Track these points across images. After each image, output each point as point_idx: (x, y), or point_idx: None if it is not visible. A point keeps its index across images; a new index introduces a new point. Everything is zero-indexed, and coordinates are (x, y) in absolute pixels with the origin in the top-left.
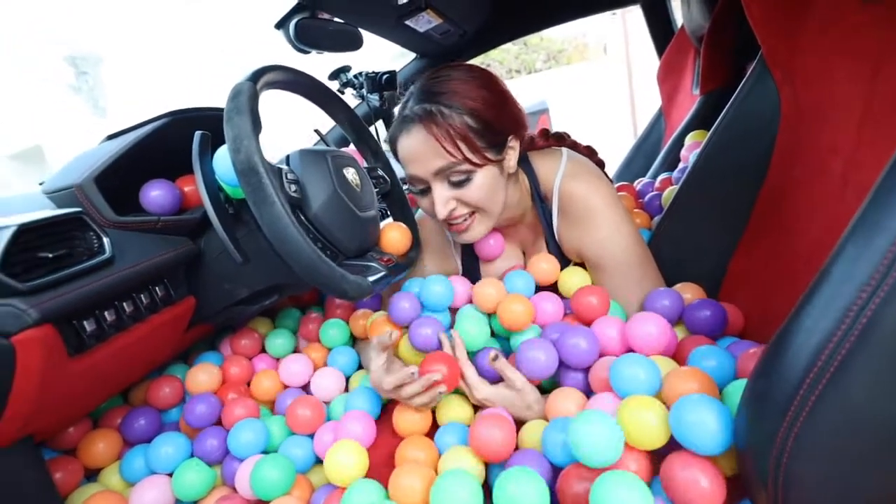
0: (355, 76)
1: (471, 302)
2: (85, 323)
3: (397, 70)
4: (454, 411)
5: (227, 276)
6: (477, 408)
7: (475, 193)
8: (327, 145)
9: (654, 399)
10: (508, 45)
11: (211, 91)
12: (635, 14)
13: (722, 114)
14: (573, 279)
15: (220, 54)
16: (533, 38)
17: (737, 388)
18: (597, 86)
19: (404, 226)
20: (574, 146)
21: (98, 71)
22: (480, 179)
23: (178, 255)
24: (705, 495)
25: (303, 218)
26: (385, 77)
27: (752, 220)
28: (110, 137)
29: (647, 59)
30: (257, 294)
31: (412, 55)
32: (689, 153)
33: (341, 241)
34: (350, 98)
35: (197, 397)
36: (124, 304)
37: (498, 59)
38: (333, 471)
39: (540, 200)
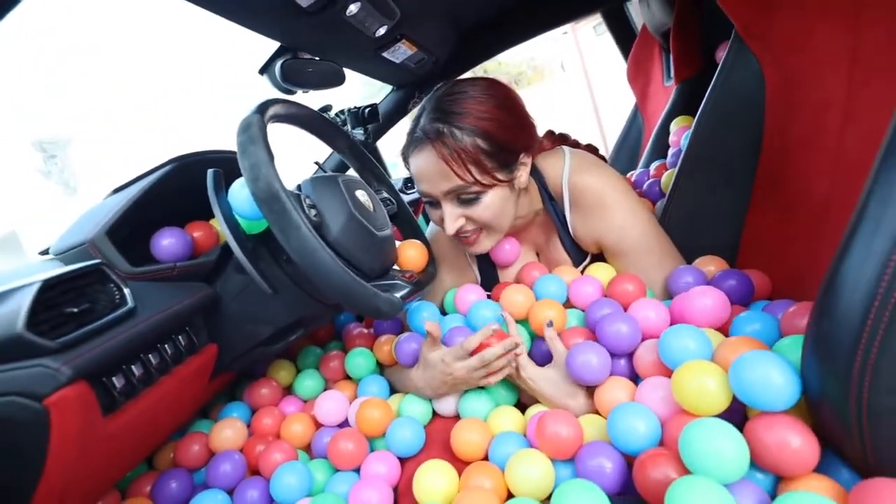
0: (338, 113)
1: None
2: (114, 379)
3: (377, 103)
4: (506, 419)
5: (248, 317)
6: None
7: (484, 213)
8: None
9: (709, 363)
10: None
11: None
12: (586, 30)
13: (707, 94)
14: (600, 274)
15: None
16: (490, 65)
17: (788, 344)
18: (561, 102)
19: (419, 242)
20: (576, 145)
21: (66, 153)
22: (489, 199)
23: (198, 300)
24: (799, 454)
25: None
26: (367, 111)
27: (757, 188)
28: (116, 190)
29: (604, 71)
30: (281, 331)
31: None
32: (679, 137)
33: (364, 263)
34: None
35: (220, 456)
36: (150, 356)
37: None
38: (424, 493)
39: (550, 199)
